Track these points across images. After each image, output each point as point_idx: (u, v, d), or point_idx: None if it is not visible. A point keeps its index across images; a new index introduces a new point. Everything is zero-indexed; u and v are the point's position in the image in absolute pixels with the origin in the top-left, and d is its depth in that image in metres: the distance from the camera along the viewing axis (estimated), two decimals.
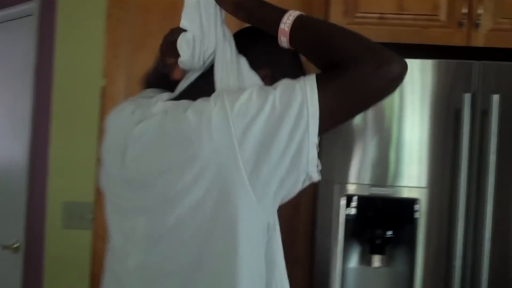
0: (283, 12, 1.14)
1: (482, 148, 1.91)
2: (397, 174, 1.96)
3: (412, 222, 1.95)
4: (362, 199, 1.98)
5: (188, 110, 1.10)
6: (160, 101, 1.21)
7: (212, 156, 1.06)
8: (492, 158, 1.87)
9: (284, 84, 1.08)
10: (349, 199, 1.97)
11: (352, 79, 1.05)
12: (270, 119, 1.04)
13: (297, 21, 1.12)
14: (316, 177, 1.10)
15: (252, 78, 1.18)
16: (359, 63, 1.04)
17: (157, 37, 2.27)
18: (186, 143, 1.08)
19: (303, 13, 1.14)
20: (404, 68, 1.06)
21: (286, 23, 1.12)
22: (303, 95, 1.04)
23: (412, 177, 1.95)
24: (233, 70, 1.18)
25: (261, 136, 1.05)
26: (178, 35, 1.21)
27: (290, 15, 1.13)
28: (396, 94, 1.93)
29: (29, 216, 3.02)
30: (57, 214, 2.76)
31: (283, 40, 1.14)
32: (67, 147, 2.78)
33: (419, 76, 1.95)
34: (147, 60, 2.30)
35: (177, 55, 1.21)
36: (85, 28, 2.78)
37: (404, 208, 1.96)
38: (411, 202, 1.94)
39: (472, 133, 1.91)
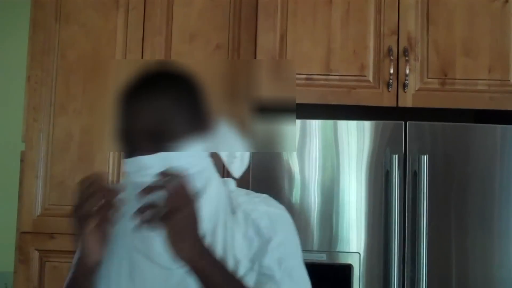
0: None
1: (414, 210, 1.87)
2: (329, 239, 1.89)
3: None
4: None
5: None
6: None
7: None
8: (424, 220, 1.83)
9: None
10: None
11: None
12: None
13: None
14: None
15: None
16: None
17: (79, 100, 2.22)
18: None
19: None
20: None
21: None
22: None
23: (345, 242, 1.89)
24: None
25: None
26: None
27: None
28: (331, 156, 1.89)
29: None
30: None
31: None
32: None
33: (351, 138, 1.91)
34: (68, 124, 2.23)
35: None
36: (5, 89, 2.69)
37: (336, 275, 1.89)
38: (345, 268, 1.87)
39: (403, 194, 1.87)
